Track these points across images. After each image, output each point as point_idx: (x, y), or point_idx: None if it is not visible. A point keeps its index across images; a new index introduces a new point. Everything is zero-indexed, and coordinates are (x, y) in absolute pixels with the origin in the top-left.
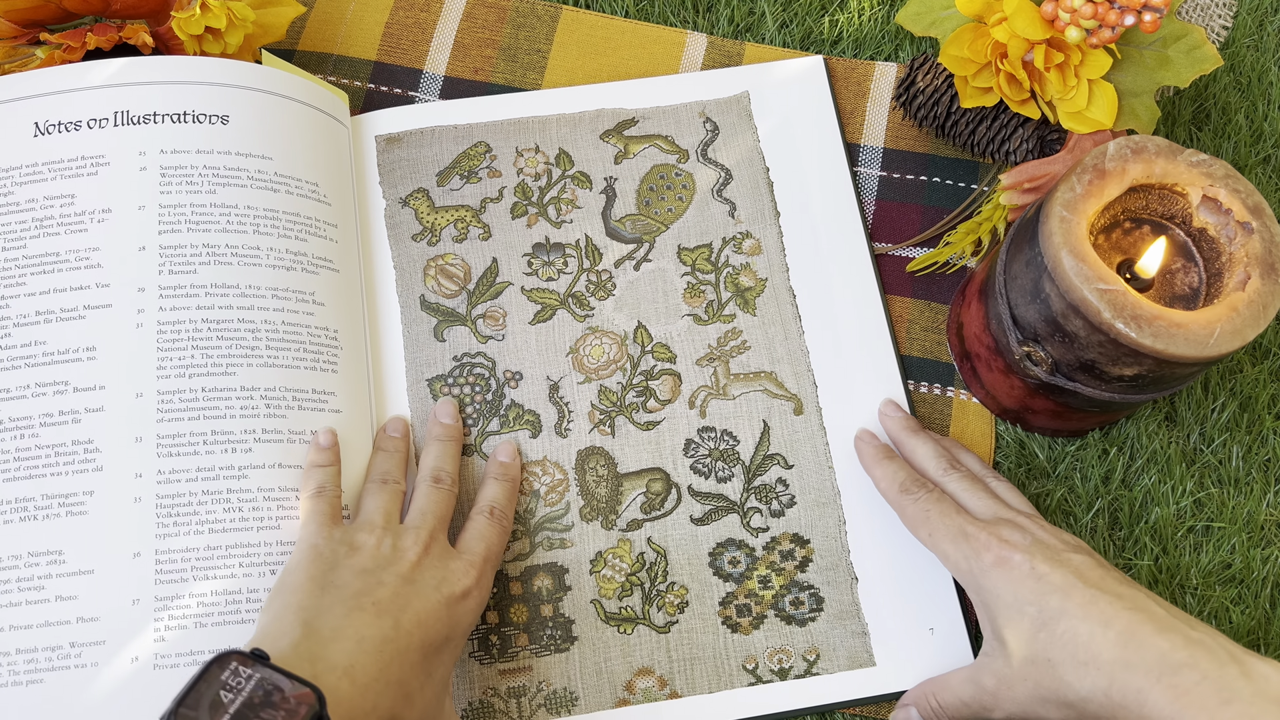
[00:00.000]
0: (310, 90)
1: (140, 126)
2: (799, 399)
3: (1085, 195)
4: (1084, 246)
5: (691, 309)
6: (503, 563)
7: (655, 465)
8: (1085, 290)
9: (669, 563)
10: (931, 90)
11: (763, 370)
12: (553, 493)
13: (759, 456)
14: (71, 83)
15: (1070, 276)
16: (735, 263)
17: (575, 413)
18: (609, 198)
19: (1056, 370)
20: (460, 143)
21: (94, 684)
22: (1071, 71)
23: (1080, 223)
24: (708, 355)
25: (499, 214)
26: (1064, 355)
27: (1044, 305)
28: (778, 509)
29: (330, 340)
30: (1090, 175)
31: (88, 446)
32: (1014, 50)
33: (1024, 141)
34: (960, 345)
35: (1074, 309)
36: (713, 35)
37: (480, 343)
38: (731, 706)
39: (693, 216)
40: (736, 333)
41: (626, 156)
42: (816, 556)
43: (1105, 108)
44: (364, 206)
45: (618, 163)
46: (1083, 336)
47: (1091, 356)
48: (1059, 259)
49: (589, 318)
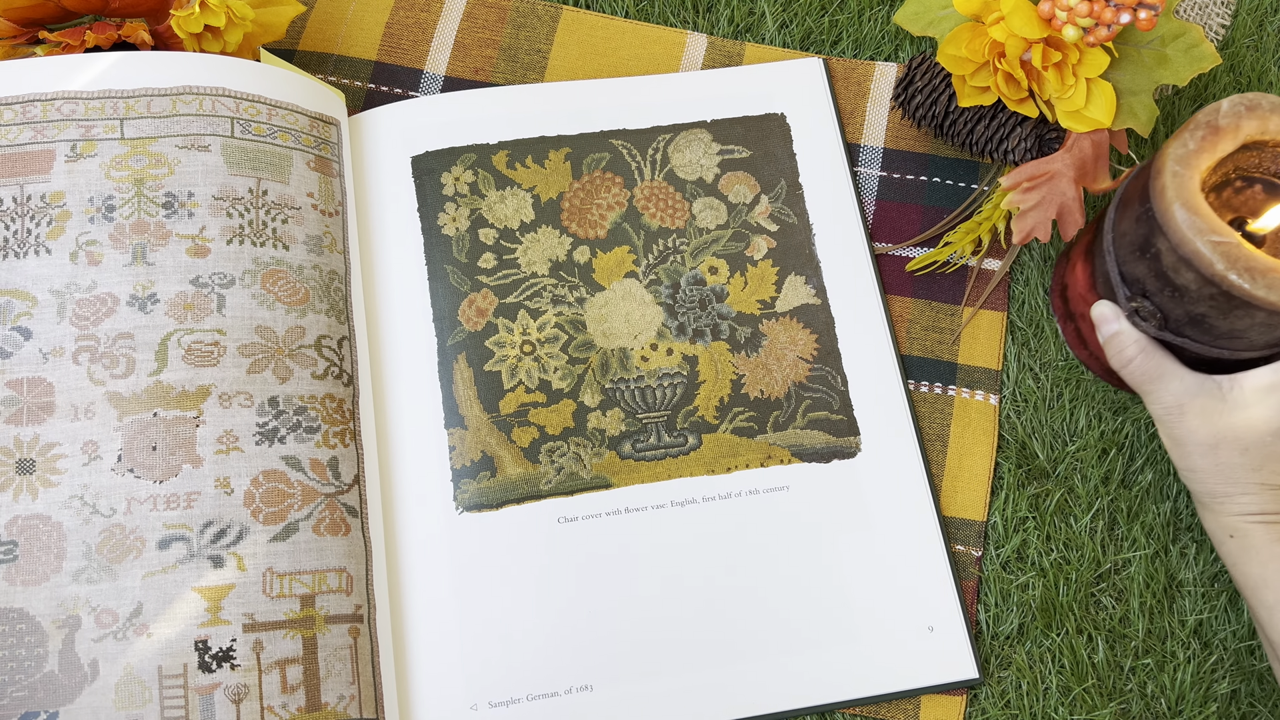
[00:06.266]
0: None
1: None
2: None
3: (1198, 150)
4: (1197, 199)
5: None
6: None
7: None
8: (1198, 242)
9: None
10: (930, 90)
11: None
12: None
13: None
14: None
15: (1183, 229)
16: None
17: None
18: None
19: (1165, 326)
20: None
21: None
22: (1069, 70)
23: (1193, 177)
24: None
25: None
26: (1174, 310)
27: (1154, 260)
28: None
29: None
30: (1204, 131)
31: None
32: (1011, 49)
33: (1022, 140)
34: (1064, 307)
35: (1186, 262)
36: (713, 35)
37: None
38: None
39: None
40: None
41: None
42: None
43: (1104, 106)
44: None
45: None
46: (1194, 290)
47: (1202, 310)
48: (1171, 212)
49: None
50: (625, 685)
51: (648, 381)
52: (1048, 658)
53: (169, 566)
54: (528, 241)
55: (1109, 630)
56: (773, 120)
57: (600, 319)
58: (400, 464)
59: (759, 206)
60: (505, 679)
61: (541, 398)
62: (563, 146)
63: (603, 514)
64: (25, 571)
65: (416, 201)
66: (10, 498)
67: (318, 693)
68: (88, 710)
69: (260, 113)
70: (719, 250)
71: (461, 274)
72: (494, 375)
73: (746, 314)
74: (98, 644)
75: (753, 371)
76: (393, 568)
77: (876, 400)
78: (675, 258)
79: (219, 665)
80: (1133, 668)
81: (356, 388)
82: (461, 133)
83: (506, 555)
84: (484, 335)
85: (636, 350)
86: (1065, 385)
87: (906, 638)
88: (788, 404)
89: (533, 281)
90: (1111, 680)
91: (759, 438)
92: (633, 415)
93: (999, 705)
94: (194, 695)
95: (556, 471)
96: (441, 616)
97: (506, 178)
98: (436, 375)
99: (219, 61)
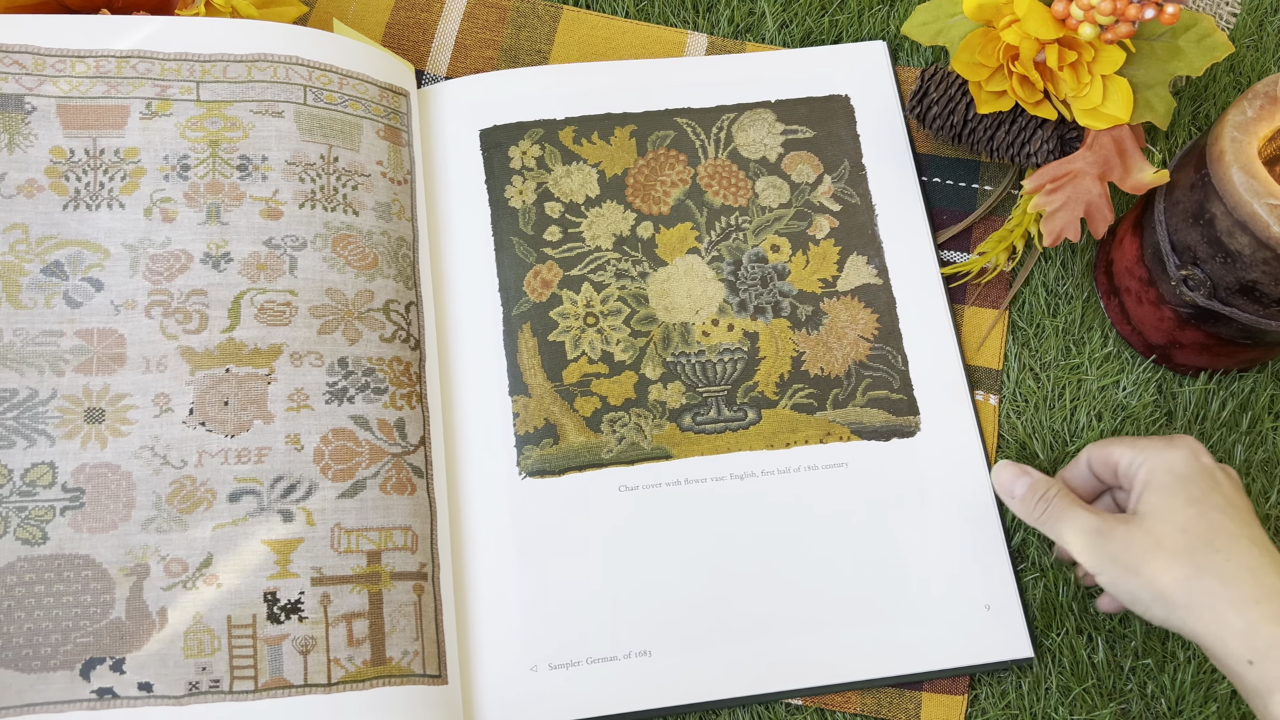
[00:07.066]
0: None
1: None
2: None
3: (1256, 119)
4: (1254, 164)
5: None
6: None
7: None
8: (1256, 204)
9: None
10: (946, 100)
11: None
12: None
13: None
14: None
15: (1240, 191)
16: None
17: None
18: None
19: (1214, 294)
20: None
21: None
22: (1085, 68)
23: (1250, 143)
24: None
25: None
26: (1224, 277)
27: (1208, 226)
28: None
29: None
30: (1261, 100)
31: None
32: (1025, 51)
33: (1044, 142)
34: (1108, 283)
35: (1241, 225)
36: (713, 35)
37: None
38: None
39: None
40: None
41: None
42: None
43: (1121, 102)
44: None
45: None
46: (1247, 255)
47: (1254, 277)
48: (1229, 175)
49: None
50: (683, 653)
51: (708, 356)
52: (1048, 658)
53: (239, 519)
54: (592, 216)
55: (1109, 630)
56: (837, 102)
57: (662, 294)
58: (465, 428)
59: (822, 186)
60: (565, 642)
61: (604, 369)
62: (628, 124)
63: (663, 484)
64: (92, 519)
65: (484, 174)
66: (78, 445)
67: (382, 647)
68: (155, 658)
69: (332, 81)
70: (781, 229)
71: (527, 246)
72: (557, 345)
73: (808, 292)
74: (167, 592)
75: (813, 349)
76: (456, 529)
77: (937, 380)
78: (737, 235)
79: (287, 617)
80: (1133, 668)
81: (423, 352)
82: (529, 108)
83: (568, 521)
84: (548, 306)
85: (698, 325)
86: (1065, 385)
87: (963, 615)
88: (848, 382)
89: (596, 255)
90: (1111, 680)
91: (818, 414)
92: (693, 389)
93: (999, 705)
94: (263, 645)
95: (618, 441)
96: (503, 578)
97: (572, 153)
98: (501, 343)
99: (293, 31)
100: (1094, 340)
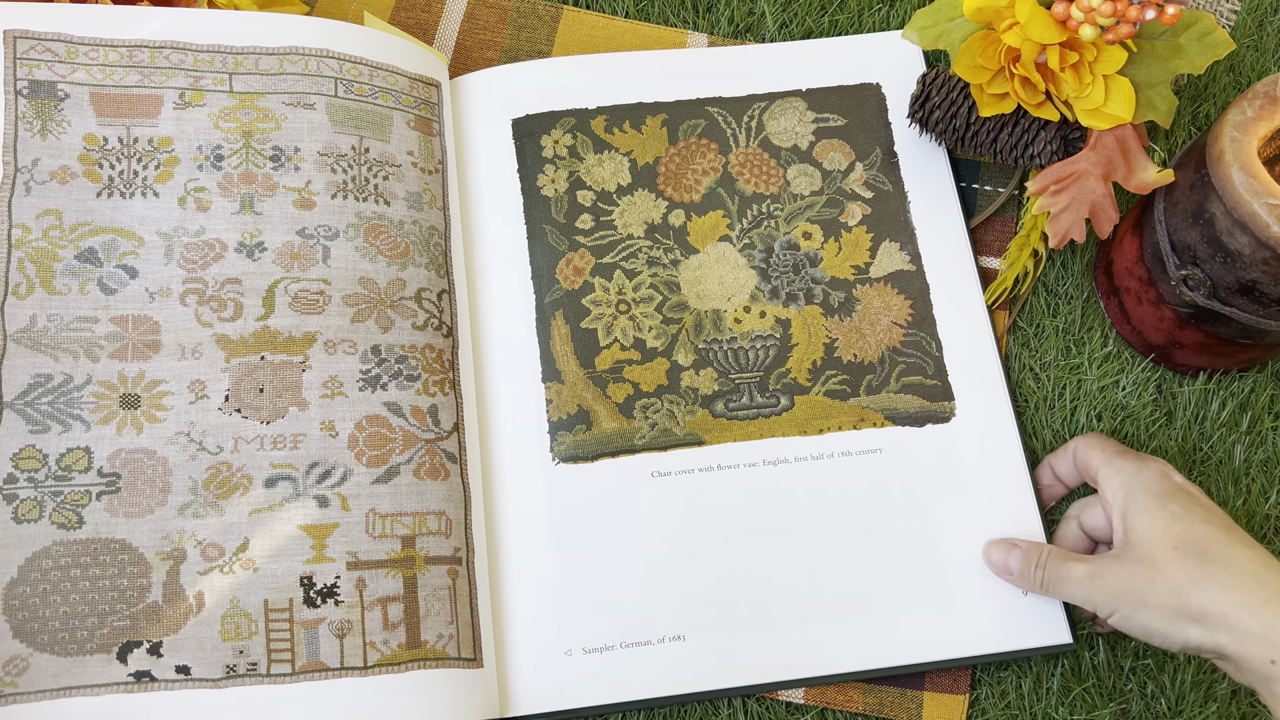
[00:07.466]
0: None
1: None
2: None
3: (1256, 119)
4: (1254, 163)
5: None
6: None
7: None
8: (1255, 204)
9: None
10: (948, 104)
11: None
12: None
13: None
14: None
15: (1240, 191)
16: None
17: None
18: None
19: (1214, 294)
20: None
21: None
22: (1086, 69)
23: (1250, 143)
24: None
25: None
26: (1224, 276)
27: (1208, 225)
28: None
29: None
30: (1261, 100)
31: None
32: (1027, 53)
33: (1047, 144)
34: (1108, 283)
35: (1241, 225)
36: (713, 35)
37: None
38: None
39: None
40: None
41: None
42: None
43: (1123, 102)
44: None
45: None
46: (1247, 254)
47: (1254, 276)
48: (1229, 175)
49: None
50: (716, 637)
51: (740, 343)
52: (1048, 658)
53: (275, 504)
54: (624, 204)
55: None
56: (868, 90)
57: (694, 281)
58: (498, 415)
59: (854, 173)
60: (599, 626)
61: (636, 355)
62: (660, 113)
63: (695, 470)
64: (128, 504)
65: (517, 163)
66: (114, 431)
67: (417, 631)
68: (193, 641)
69: (362, 74)
70: (813, 216)
71: (560, 234)
72: (590, 332)
73: (840, 279)
74: (203, 576)
75: (846, 335)
76: (490, 514)
77: (971, 366)
78: (769, 223)
79: (324, 601)
80: (1133, 668)
81: (456, 339)
82: (561, 97)
83: (601, 506)
84: (581, 293)
85: (730, 312)
86: (1065, 385)
87: (1001, 602)
88: (881, 368)
89: (629, 243)
90: (1111, 680)
91: (851, 400)
92: (725, 375)
93: (999, 705)
94: (299, 629)
95: (650, 427)
96: (537, 562)
97: (604, 142)
98: (534, 330)
99: (324, 24)
100: (1094, 340)
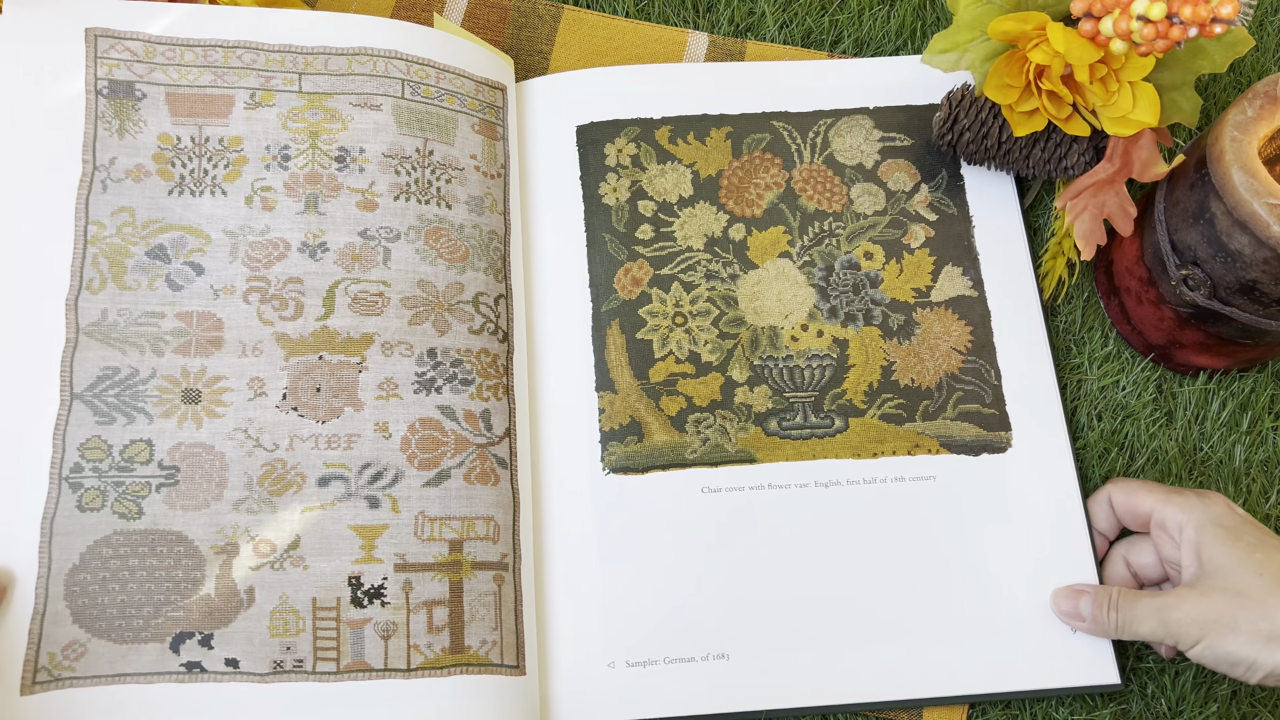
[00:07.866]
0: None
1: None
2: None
3: (1256, 119)
4: (1254, 163)
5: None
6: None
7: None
8: (1255, 204)
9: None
10: (978, 125)
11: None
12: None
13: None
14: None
15: (1240, 191)
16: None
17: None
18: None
19: (1214, 294)
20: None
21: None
22: (1113, 77)
23: (1251, 143)
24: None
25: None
26: (1224, 276)
27: (1208, 225)
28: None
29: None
30: (1261, 100)
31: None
32: (1055, 69)
33: (1081, 155)
34: (1108, 282)
35: (1241, 225)
36: (713, 34)
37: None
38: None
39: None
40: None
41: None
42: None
43: (1148, 108)
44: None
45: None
46: (1247, 254)
47: (1254, 276)
48: (1229, 175)
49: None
50: (761, 657)
51: (796, 361)
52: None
53: (327, 503)
54: (685, 216)
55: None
56: (936, 111)
57: (752, 296)
58: (550, 422)
59: (918, 195)
60: (643, 640)
61: (691, 369)
62: (724, 125)
63: (746, 487)
64: (186, 497)
65: (579, 170)
66: (174, 425)
67: (461, 635)
68: (243, 635)
69: (429, 76)
70: (875, 236)
71: (619, 243)
72: (645, 343)
73: (900, 301)
74: (255, 572)
75: (904, 359)
76: (538, 522)
77: (1030, 397)
78: (830, 241)
79: (370, 601)
80: (1133, 668)
81: (511, 344)
82: (626, 106)
83: (650, 519)
84: (638, 304)
85: (787, 329)
86: (1065, 385)
87: (1049, 637)
88: (938, 394)
89: (688, 255)
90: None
91: (907, 425)
92: (780, 393)
93: (999, 705)
94: (345, 628)
95: (702, 442)
96: (584, 572)
97: (668, 152)
98: (590, 339)
99: (393, 25)
100: (1094, 340)
